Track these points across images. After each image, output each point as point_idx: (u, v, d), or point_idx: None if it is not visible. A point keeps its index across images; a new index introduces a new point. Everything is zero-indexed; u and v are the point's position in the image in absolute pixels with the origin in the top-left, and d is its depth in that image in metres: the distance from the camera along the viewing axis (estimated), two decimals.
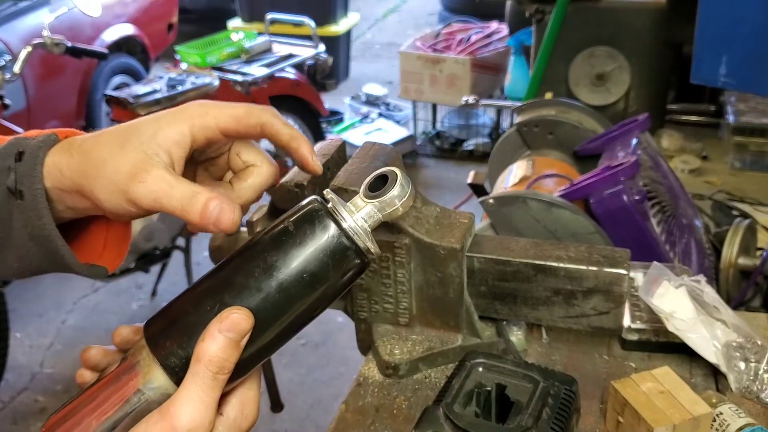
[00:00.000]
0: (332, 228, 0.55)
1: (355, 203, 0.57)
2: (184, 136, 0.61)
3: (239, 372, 0.56)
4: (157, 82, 3.54)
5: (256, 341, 0.55)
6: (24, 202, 0.61)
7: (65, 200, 0.63)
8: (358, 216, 0.57)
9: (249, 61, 3.86)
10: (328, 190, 0.59)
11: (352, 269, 0.57)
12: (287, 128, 0.64)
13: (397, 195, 0.57)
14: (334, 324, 3.16)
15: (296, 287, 0.55)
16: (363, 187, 0.59)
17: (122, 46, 4.80)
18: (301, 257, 0.55)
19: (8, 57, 3.22)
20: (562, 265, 0.98)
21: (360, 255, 0.56)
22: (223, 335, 0.53)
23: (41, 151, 0.62)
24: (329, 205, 0.57)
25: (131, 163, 0.59)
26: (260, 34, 4.21)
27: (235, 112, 0.62)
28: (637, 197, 1.35)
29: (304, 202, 0.57)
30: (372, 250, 0.57)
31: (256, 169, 0.67)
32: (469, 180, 1.72)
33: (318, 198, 0.57)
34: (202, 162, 0.69)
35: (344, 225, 0.56)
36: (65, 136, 0.65)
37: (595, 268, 0.97)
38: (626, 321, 1.05)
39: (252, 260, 0.56)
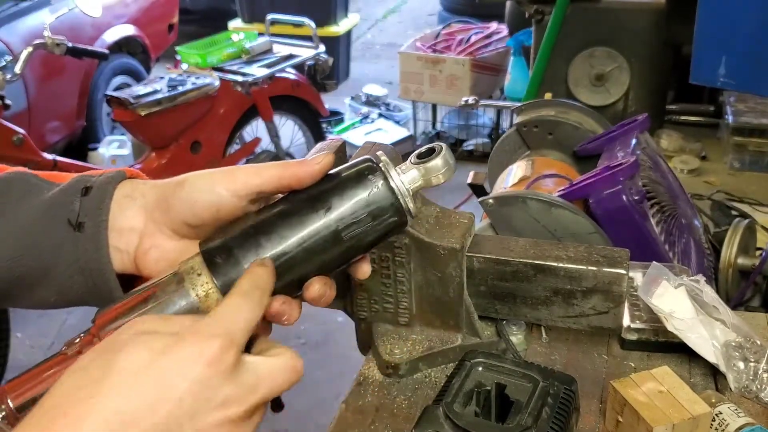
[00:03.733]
0: (381, 183, 0.62)
1: (402, 167, 0.64)
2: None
3: (288, 290, 0.62)
4: (157, 82, 3.54)
5: (305, 265, 0.62)
6: (82, 233, 0.63)
7: (120, 239, 0.65)
8: (405, 177, 0.64)
9: (249, 62, 3.86)
10: (380, 152, 0.65)
11: (396, 225, 0.64)
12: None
13: (441, 164, 0.64)
14: (334, 324, 3.16)
15: (345, 228, 0.61)
16: (413, 155, 0.66)
17: (123, 46, 4.80)
18: (352, 201, 0.62)
19: (9, 57, 3.22)
20: (561, 265, 0.98)
21: (400, 212, 0.63)
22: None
23: (110, 186, 0.65)
24: (381, 165, 0.63)
25: (224, 168, 0.64)
26: (261, 34, 4.21)
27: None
28: (636, 197, 1.35)
29: (359, 159, 0.65)
30: (411, 209, 0.64)
31: None
32: (469, 180, 1.72)
33: (371, 158, 0.64)
34: None
35: (392, 183, 0.63)
36: (131, 175, 0.67)
37: (594, 268, 0.97)
38: (626, 321, 1.05)
39: (309, 199, 0.62)
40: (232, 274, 0.60)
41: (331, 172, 0.64)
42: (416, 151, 0.66)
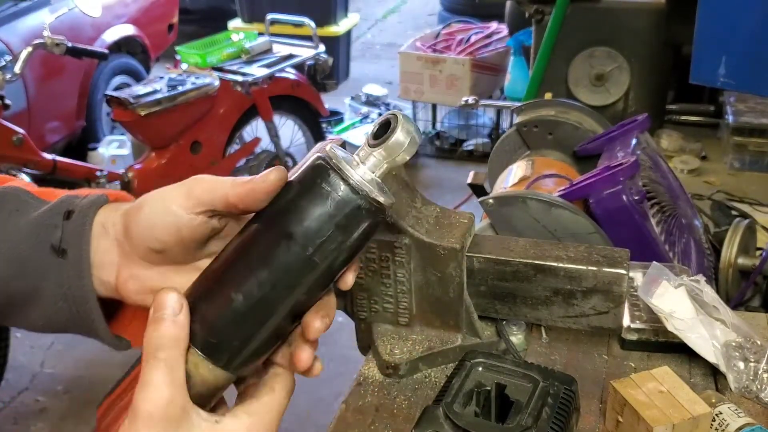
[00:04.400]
0: (338, 186, 0.54)
1: (359, 155, 0.56)
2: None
3: (276, 337, 0.58)
4: (157, 82, 3.54)
5: (281, 309, 0.56)
6: (65, 260, 0.62)
7: (101, 270, 0.63)
8: (365, 168, 0.55)
9: (249, 62, 3.86)
10: (330, 146, 0.57)
11: (372, 226, 0.56)
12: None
13: (402, 138, 0.55)
14: (334, 324, 3.13)
15: (315, 251, 0.54)
16: (367, 136, 0.57)
17: (123, 46, 4.80)
18: (313, 220, 0.54)
19: (9, 57, 3.22)
20: (561, 265, 0.98)
21: (371, 210, 0.55)
22: (153, 316, 0.55)
23: (91, 211, 0.63)
24: (332, 162, 0.55)
25: (180, 185, 0.61)
26: (260, 34, 4.21)
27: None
28: (636, 197, 1.35)
29: (308, 162, 0.56)
30: (383, 201, 0.55)
31: None
32: (469, 180, 1.72)
33: (321, 156, 0.56)
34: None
35: (350, 181, 0.54)
36: (115, 198, 0.66)
37: (594, 268, 0.97)
38: (626, 321, 1.05)
39: (268, 231, 0.56)
40: (210, 338, 0.56)
41: (291, 179, 0.57)
42: (370, 131, 0.58)
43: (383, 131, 0.56)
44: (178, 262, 0.63)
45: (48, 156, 3.33)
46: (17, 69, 2.98)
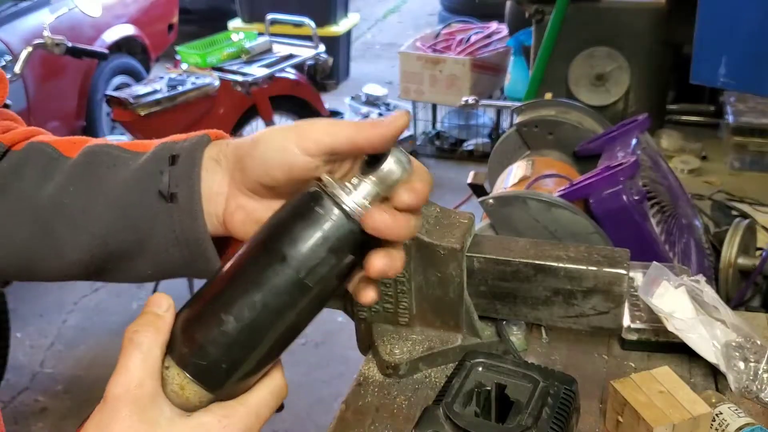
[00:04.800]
0: (332, 210, 0.55)
1: (352, 182, 0.56)
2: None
3: (265, 361, 0.57)
4: (157, 82, 3.54)
5: (271, 333, 0.56)
6: (176, 204, 0.62)
7: (210, 204, 0.63)
8: (357, 194, 0.56)
9: (249, 62, 3.86)
10: (323, 174, 0.57)
11: (364, 251, 0.56)
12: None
13: (394, 167, 0.56)
14: (334, 324, 3.16)
15: (308, 274, 0.54)
16: (359, 165, 0.58)
17: (123, 46, 4.80)
18: (306, 243, 0.54)
19: (9, 57, 3.22)
20: (561, 265, 0.98)
21: (369, 236, 0.55)
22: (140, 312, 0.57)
23: (197, 152, 0.62)
24: (327, 189, 0.55)
25: (299, 123, 0.60)
26: (260, 34, 4.21)
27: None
28: (636, 197, 1.35)
29: (304, 192, 0.57)
30: None
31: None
32: (469, 180, 1.72)
33: (315, 183, 0.57)
34: None
35: (344, 207, 0.55)
36: (215, 136, 0.65)
37: (594, 268, 0.97)
38: (626, 321, 1.05)
39: (261, 252, 0.56)
40: (198, 359, 0.55)
41: (285, 204, 0.58)
42: (361, 160, 0.58)
43: (375, 160, 0.57)
44: (285, 196, 0.62)
45: None
46: (17, 69, 2.98)
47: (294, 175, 0.59)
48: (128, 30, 4.76)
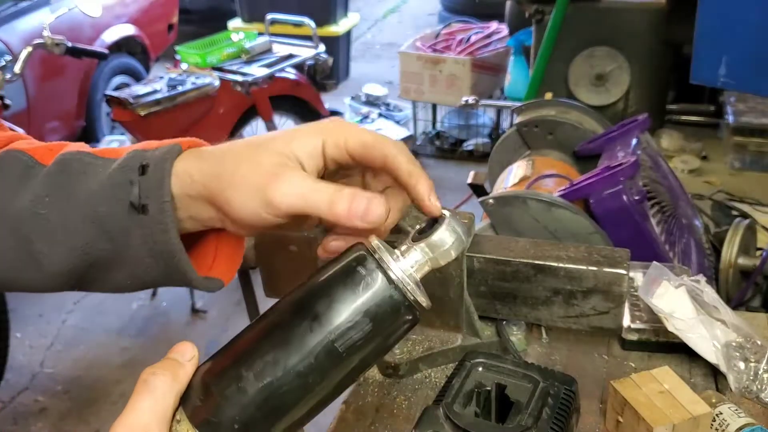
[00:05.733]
0: (376, 276, 0.51)
1: (401, 248, 0.54)
2: (317, 149, 0.59)
3: (282, 428, 0.53)
4: (157, 82, 3.54)
5: (291, 397, 0.51)
6: (147, 216, 0.61)
7: (190, 209, 0.62)
8: (406, 262, 0.53)
9: (249, 62, 3.86)
10: (373, 236, 0.54)
11: (403, 325, 0.52)
12: (409, 165, 0.60)
13: (447, 236, 0.53)
14: None
15: (339, 337, 0.50)
16: (413, 232, 0.55)
17: (122, 46, 4.80)
18: (343, 304, 0.50)
19: (9, 57, 3.21)
20: (561, 265, 0.98)
21: (407, 308, 0.51)
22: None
23: (167, 163, 0.61)
24: (376, 255, 0.52)
25: (270, 164, 0.57)
26: (260, 34, 4.21)
27: (365, 139, 0.59)
28: (636, 197, 1.35)
29: (348, 251, 0.53)
30: (423, 303, 0.52)
31: (391, 191, 0.63)
32: (469, 180, 1.72)
33: (363, 246, 0.53)
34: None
35: (391, 274, 0.51)
36: (188, 146, 0.64)
37: (594, 268, 0.97)
38: (626, 321, 1.05)
39: (293, 309, 0.52)
40: (211, 416, 0.51)
41: (326, 264, 0.54)
42: (417, 227, 0.56)
43: (430, 227, 0.54)
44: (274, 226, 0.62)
45: None
46: (17, 69, 2.98)
47: (271, 224, 0.58)
48: (128, 30, 4.76)
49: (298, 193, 0.56)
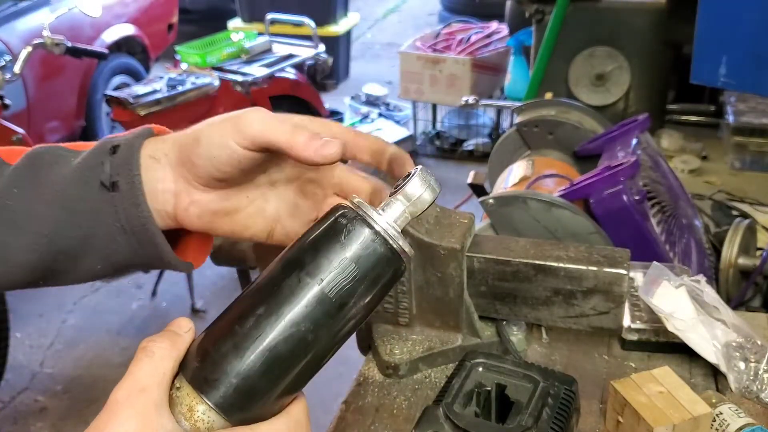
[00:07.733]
0: (363, 228, 0.52)
1: (382, 205, 0.55)
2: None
3: (282, 386, 0.54)
4: (157, 82, 3.54)
5: (288, 351, 0.52)
6: (119, 193, 0.61)
7: (155, 201, 0.62)
8: (388, 215, 0.54)
9: (249, 62, 3.86)
10: (353, 195, 0.56)
11: (389, 271, 0.54)
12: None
13: (419, 184, 0.55)
14: None
15: (336, 297, 0.52)
16: (390, 190, 0.57)
17: (122, 46, 4.80)
18: (334, 259, 0.52)
19: (8, 57, 3.22)
20: (562, 265, 0.98)
21: (396, 255, 0.53)
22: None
23: (137, 141, 0.62)
24: (358, 210, 0.54)
25: (236, 113, 0.60)
26: (260, 34, 4.21)
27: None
28: (636, 197, 1.35)
29: (331, 209, 0.55)
30: (407, 249, 0.54)
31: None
32: (469, 180, 1.72)
33: (343, 203, 0.55)
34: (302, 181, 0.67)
35: (373, 224, 0.53)
36: (159, 131, 0.65)
37: (594, 268, 0.97)
38: (626, 321, 1.05)
39: (284, 267, 0.53)
40: (210, 375, 0.52)
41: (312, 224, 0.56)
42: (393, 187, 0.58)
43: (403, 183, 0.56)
44: (239, 184, 0.63)
45: None
46: (17, 69, 2.98)
47: (244, 166, 0.60)
48: (128, 30, 4.76)
49: (264, 120, 0.58)
